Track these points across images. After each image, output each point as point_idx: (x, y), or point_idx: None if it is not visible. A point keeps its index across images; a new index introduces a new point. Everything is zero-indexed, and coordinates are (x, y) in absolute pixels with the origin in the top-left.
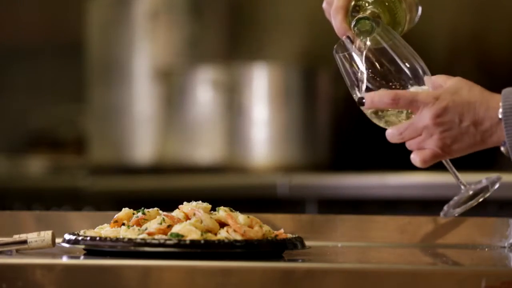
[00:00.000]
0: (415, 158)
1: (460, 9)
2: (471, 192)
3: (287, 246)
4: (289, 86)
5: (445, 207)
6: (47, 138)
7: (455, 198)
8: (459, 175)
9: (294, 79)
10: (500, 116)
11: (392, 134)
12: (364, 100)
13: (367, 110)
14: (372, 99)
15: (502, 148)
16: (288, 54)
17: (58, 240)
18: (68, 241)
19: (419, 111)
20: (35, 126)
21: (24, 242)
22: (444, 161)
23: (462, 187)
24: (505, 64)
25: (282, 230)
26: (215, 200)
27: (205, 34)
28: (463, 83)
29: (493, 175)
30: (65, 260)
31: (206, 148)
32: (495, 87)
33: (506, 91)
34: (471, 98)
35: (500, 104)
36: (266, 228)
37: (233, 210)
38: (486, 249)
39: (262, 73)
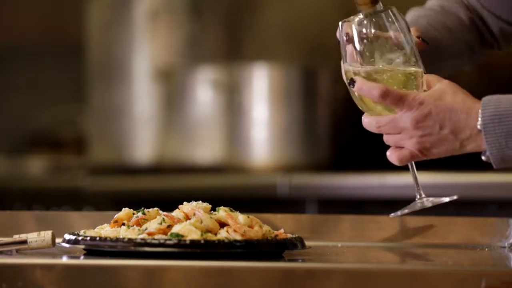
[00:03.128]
0: (392, 156)
1: None
2: (427, 204)
3: (287, 246)
4: (289, 86)
5: (398, 212)
6: (47, 138)
7: (409, 205)
8: (419, 183)
9: (294, 79)
10: (478, 126)
11: (369, 123)
12: (355, 83)
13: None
14: (362, 87)
15: (483, 157)
16: (288, 54)
17: (58, 240)
18: (68, 241)
19: (402, 111)
20: (35, 126)
21: (24, 242)
22: (409, 165)
23: (418, 196)
24: (505, 64)
25: (282, 230)
26: (215, 200)
27: (205, 34)
28: (448, 87)
29: (454, 196)
30: (65, 260)
31: (206, 148)
32: (495, 88)
33: (486, 99)
34: (454, 105)
35: (480, 113)
36: (266, 228)
37: (233, 210)
38: (486, 249)
39: (262, 73)
